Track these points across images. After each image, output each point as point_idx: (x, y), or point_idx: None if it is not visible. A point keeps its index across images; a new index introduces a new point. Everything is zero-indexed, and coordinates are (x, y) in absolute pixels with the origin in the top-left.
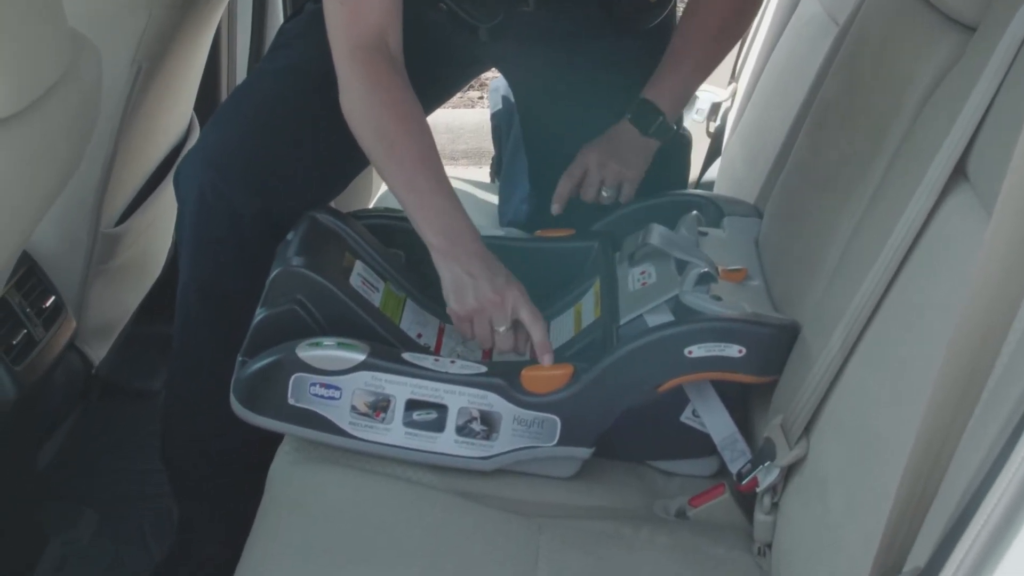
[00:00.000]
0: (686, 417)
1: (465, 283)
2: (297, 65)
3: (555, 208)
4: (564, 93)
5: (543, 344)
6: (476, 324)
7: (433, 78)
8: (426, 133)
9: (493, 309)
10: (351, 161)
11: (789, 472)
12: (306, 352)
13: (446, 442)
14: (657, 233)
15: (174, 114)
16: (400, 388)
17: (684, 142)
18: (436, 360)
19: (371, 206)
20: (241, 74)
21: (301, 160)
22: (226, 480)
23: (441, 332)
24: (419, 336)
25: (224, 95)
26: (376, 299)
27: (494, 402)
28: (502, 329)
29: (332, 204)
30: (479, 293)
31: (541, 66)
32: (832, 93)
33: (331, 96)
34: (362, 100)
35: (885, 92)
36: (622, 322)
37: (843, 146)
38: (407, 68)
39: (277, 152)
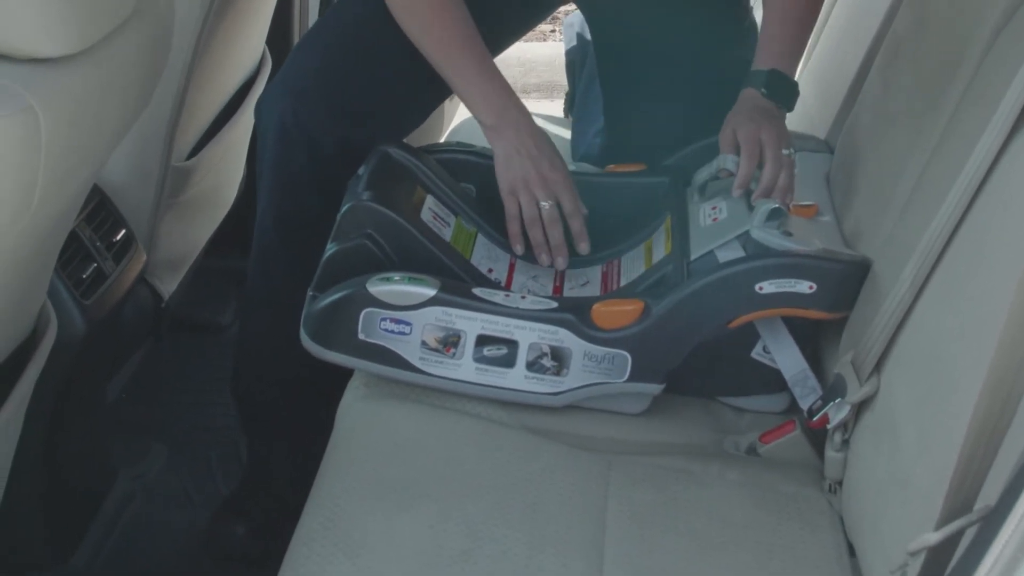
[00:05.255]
0: (757, 353)
1: (512, 157)
2: None
3: (737, 193)
4: (642, 28)
5: (580, 232)
6: (521, 196)
7: (514, 9)
8: (467, 20)
9: (535, 184)
10: (430, 93)
11: (860, 409)
12: (376, 287)
13: (516, 378)
14: (732, 161)
15: (246, 47)
16: (470, 323)
17: None
18: (507, 295)
19: (442, 140)
20: (314, 7)
21: (381, 91)
22: (296, 413)
23: (512, 267)
24: (490, 271)
25: (296, 28)
26: (447, 234)
27: (564, 338)
28: (546, 205)
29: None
30: (524, 166)
31: (619, 1)
32: (903, 28)
33: None
34: None
35: (956, 26)
36: (693, 258)
37: (914, 81)
38: (490, 1)
39: (357, 82)
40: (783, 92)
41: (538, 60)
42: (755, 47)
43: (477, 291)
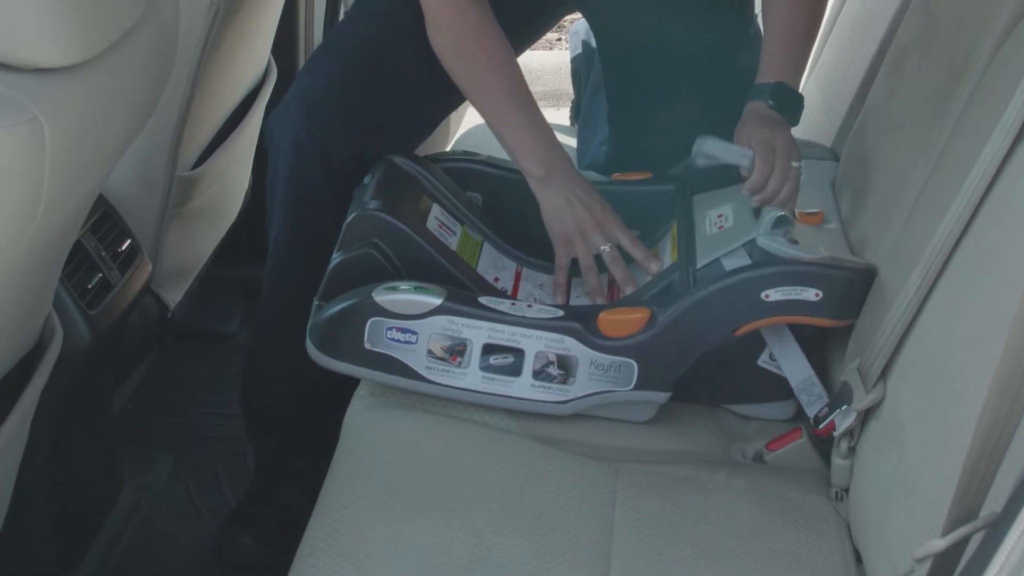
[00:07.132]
0: (763, 361)
1: (563, 207)
2: (388, 10)
3: (746, 192)
4: (646, 36)
5: (646, 257)
6: (577, 246)
7: (520, 21)
8: (515, 67)
9: (592, 230)
10: (440, 104)
11: (866, 416)
12: (382, 296)
13: (523, 386)
14: (749, 158)
15: (251, 57)
16: (477, 332)
17: None
18: (513, 304)
19: (448, 149)
20: (319, 16)
21: (392, 104)
22: (303, 422)
23: (518, 276)
24: (496, 280)
25: (302, 37)
26: (453, 243)
27: (571, 346)
28: (607, 248)
29: None
30: (577, 215)
31: (624, 9)
32: (908, 36)
33: (421, 40)
34: (452, 36)
35: (962, 34)
36: (699, 265)
37: (919, 89)
38: (495, 11)
39: (369, 96)
40: (789, 105)
41: (544, 69)
42: (760, 55)
43: (483, 300)
